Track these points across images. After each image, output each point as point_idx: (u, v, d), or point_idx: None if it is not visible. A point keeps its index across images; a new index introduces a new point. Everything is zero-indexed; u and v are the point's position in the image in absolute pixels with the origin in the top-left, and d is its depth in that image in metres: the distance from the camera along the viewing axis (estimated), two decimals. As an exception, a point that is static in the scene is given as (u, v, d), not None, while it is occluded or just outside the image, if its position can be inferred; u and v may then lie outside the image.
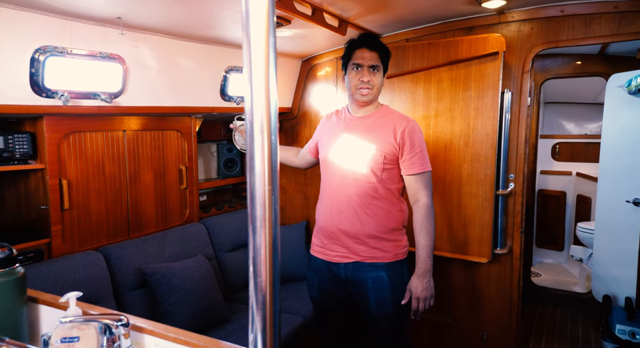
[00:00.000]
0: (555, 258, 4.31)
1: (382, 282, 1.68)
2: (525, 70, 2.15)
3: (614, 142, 3.01)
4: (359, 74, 1.67)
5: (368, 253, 1.68)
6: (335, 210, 1.70)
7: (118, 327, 0.91)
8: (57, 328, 1.00)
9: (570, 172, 4.24)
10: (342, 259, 1.72)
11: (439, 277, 2.43)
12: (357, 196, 1.67)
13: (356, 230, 1.68)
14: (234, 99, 2.53)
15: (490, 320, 2.33)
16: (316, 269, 1.81)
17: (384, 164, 1.67)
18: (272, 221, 0.68)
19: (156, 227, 2.35)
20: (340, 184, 1.71)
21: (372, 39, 1.71)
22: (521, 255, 2.27)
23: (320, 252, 1.78)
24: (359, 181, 1.68)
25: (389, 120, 1.71)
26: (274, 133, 0.71)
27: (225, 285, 2.48)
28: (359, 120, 1.75)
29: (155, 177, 2.35)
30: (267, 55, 0.63)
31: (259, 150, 0.68)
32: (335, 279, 1.76)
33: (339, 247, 1.72)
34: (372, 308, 1.70)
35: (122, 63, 1.94)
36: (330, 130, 1.82)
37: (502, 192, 2.18)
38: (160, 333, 0.95)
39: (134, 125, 2.24)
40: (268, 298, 0.70)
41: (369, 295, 1.69)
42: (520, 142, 2.20)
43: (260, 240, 0.67)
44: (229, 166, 2.97)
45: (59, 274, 1.77)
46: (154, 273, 2.01)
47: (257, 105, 0.69)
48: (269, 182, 0.68)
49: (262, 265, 0.68)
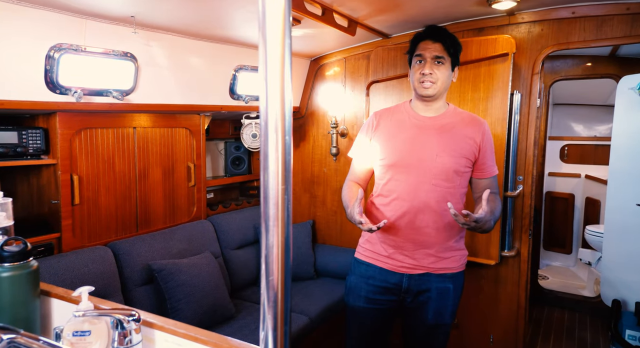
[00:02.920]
0: (563, 262, 4.27)
1: (447, 293, 1.59)
2: (535, 72, 2.14)
3: (624, 145, 2.97)
4: (421, 67, 1.53)
5: (439, 264, 1.57)
6: (407, 218, 1.53)
7: (129, 322, 0.93)
8: (69, 322, 1.02)
9: (579, 175, 4.21)
10: (409, 270, 1.58)
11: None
12: (435, 203, 1.52)
13: (432, 241, 1.54)
14: (243, 98, 2.54)
15: (497, 322, 2.33)
16: (367, 277, 1.62)
17: (464, 168, 1.56)
18: (285, 220, 0.69)
19: (164, 224, 2.37)
20: (415, 190, 1.53)
21: (438, 29, 1.56)
22: (529, 257, 2.26)
23: (380, 260, 1.61)
24: (438, 187, 1.52)
25: (463, 120, 1.60)
26: (288, 133, 0.72)
27: (231, 283, 2.49)
28: (430, 120, 1.58)
29: (163, 174, 2.37)
30: (283, 56, 0.64)
31: (272, 150, 0.69)
32: (392, 289, 1.61)
33: (406, 258, 1.57)
34: (430, 318, 1.59)
35: (134, 61, 1.97)
36: (395, 131, 1.61)
37: (511, 193, 2.17)
38: (171, 329, 0.96)
39: (144, 122, 2.26)
40: (280, 297, 0.70)
41: (429, 304, 1.58)
42: (529, 144, 2.19)
43: (273, 239, 0.68)
44: (237, 164, 2.99)
45: (68, 268, 1.80)
46: (162, 269, 2.03)
47: (272, 104, 0.70)
48: (282, 181, 0.69)
49: (275, 264, 0.69)
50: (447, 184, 1.53)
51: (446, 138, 1.55)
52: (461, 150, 1.54)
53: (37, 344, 0.82)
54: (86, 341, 0.98)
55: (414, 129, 1.58)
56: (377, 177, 1.64)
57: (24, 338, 0.81)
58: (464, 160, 1.55)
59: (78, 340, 0.97)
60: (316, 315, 2.32)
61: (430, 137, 1.55)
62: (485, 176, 1.61)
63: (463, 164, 1.55)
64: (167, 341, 0.97)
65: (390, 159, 1.58)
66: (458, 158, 1.54)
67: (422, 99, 1.58)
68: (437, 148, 1.53)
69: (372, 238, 1.64)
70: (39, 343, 0.83)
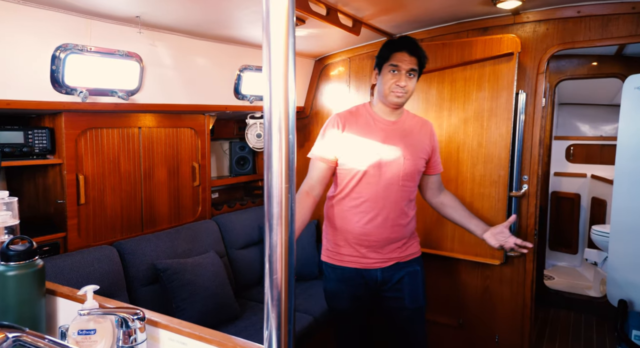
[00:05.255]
0: (569, 262, 4.24)
1: (416, 275, 1.74)
2: (540, 71, 2.13)
3: (630, 144, 2.95)
4: (396, 77, 1.61)
5: (405, 252, 1.73)
6: (380, 219, 1.64)
7: (134, 320, 0.93)
8: (74, 321, 1.02)
9: (585, 174, 4.18)
10: (382, 265, 1.70)
11: (451, 279, 2.42)
12: (403, 201, 1.67)
13: (400, 236, 1.69)
14: (248, 98, 2.55)
15: (503, 322, 2.31)
16: (345, 279, 1.71)
17: (422, 167, 1.73)
18: (289, 219, 0.69)
19: (169, 224, 2.38)
20: (384, 191, 1.64)
21: (415, 44, 1.64)
22: (534, 257, 2.25)
23: (354, 262, 1.69)
24: (405, 187, 1.67)
25: (417, 123, 1.76)
26: (291, 132, 0.72)
27: (236, 282, 2.50)
28: (394, 124, 1.69)
29: (169, 174, 2.38)
30: (287, 56, 0.64)
31: (276, 149, 0.69)
32: (368, 285, 1.72)
33: (378, 254, 1.68)
34: (407, 302, 1.73)
35: (140, 61, 1.98)
36: (364, 135, 1.67)
37: (516, 193, 2.16)
38: (175, 328, 0.97)
39: (149, 122, 2.27)
40: (283, 296, 0.71)
41: (404, 289, 1.72)
42: (535, 144, 2.17)
43: (277, 238, 0.68)
44: (241, 164, 3.00)
45: (74, 268, 1.81)
46: (167, 268, 2.04)
47: (276, 104, 0.70)
48: (286, 181, 0.69)
49: (278, 263, 0.69)
50: (412, 184, 1.69)
51: (409, 141, 1.68)
52: (421, 152, 1.70)
53: (42, 342, 0.83)
54: (91, 340, 0.99)
55: (382, 133, 1.67)
56: (343, 178, 1.68)
57: (29, 336, 0.81)
58: (423, 160, 1.72)
59: (83, 339, 0.98)
60: (320, 314, 2.32)
61: (396, 140, 1.67)
62: (435, 172, 1.81)
63: (422, 164, 1.72)
64: (171, 340, 0.97)
65: (362, 163, 1.64)
66: (419, 159, 1.70)
67: (391, 106, 1.67)
68: (403, 151, 1.66)
69: (342, 242, 1.70)
70: (44, 341, 0.83)
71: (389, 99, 1.64)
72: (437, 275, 2.42)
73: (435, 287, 2.42)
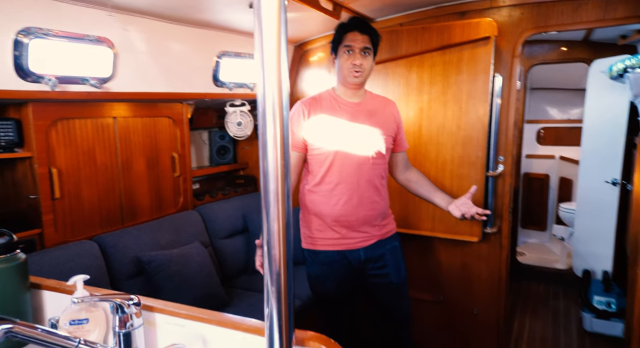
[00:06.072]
0: (539, 238, 4.46)
1: (396, 251, 1.82)
2: (515, 55, 2.19)
3: (595, 126, 3.11)
4: (351, 57, 1.65)
5: (383, 229, 1.79)
6: (356, 198, 1.68)
7: (130, 306, 0.92)
8: (65, 311, 1.00)
9: (554, 156, 4.38)
10: (362, 244, 1.74)
11: (432, 257, 2.50)
12: (376, 179, 1.73)
13: (376, 213, 1.74)
14: (227, 85, 2.50)
15: (480, 296, 2.41)
16: (329, 263, 1.74)
17: (390, 145, 1.79)
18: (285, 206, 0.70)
19: (150, 216, 2.33)
20: (357, 171, 1.68)
21: (364, 22, 1.69)
22: (509, 234, 2.35)
23: (336, 244, 1.73)
24: (376, 165, 1.72)
25: (380, 103, 1.80)
26: (285, 119, 0.73)
27: (222, 271, 2.48)
28: (357, 106, 1.73)
29: (147, 165, 2.32)
30: (279, 41, 0.64)
31: (271, 137, 0.70)
32: (352, 265, 1.75)
33: (358, 234, 1.72)
34: (392, 276, 1.80)
35: (111, 46, 1.90)
36: (330, 119, 1.70)
37: (492, 173, 2.24)
38: (172, 311, 0.96)
39: (124, 111, 2.19)
40: (282, 277, 0.72)
41: (388, 265, 1.78)
42: (510, 126, 2.25)
43: (274, 225, 0.69)
44: (222, 154, 2.95)
45: (53, 264, 1.74)
46: (151, 261, 2.00)
47: (269, 89, 0.70)
48: (281, 168, 0.70)
49: (276, 248, 0.70)
50: (382, 161, 1.75)
51: (375, 120, 1.73)
52: (388, 130, 1.76)
53: (35, 332, 0.80)
54: (84, 329, 0.97)
55: (347, 115, 1.71)
56: (315, 164, 1.71)
57: (21, 327, 0.79)
58: (391, 138, 1.78)
59: (76, 329, 0.96)
60: (308, 297, 2.34)
61: (363, 120, 1.71)
62: (401, 150, 1.88)
63: (390, 142, 1.78)
64: (168, 323, 0.96)
65: (332, 145, 1.68)
66: (388, 137, 1.75)
67: (350, 87, 1.71)
68: (371, 130, 1.71)
69: (321, 227, 1.72)
70: (37, 331, 0.81)
71: (348, 79, 1.68)
72: (419, 254, 2.49)
73: (417, 266, 2.49)
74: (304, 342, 0.83)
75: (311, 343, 0.82)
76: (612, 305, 2.72)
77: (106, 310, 1.04)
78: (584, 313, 2.80)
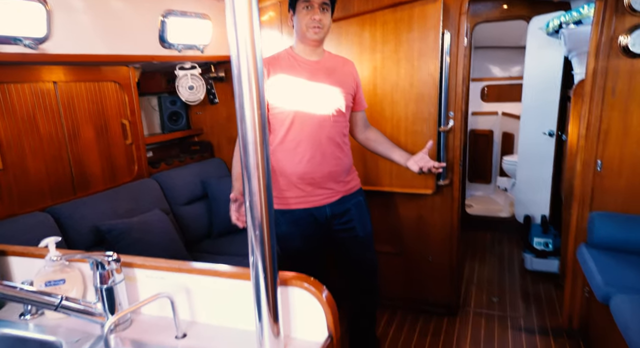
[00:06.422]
0: (485, 191, 4.80)
1: (361, 205, 1.88)
2: (462, 12, 2.27)
3: (533, 82, 3.33)
4: (310, 13, 1.63)
5: (348, 186, 1.84)
6: (319, 155, 1.70)
7: (110, 262, 0.92)
8: (38, 274, 0.98)
9: (497, 112, 4.65)
10: (327, 200, 1.78)
11: (391, 212, 2.64)
12: (337, 136, 1.76)
13: (339, 170, 1.77)
14: (175, 47, 2.38)
15: (435, 245, 2.60)
16: (296, 221, 1.77)
17: (350, 103, 1.81)
18: (265, 167, 0.73)
19: (104, 185, 2.25)
20: (318, 128, 1.70)
21: None
22: (460, 186, 2.52)
23: (302, 202, 1.76)
24: (337, 122, 1.74)
25: (339, 62, 1.82)
26: (261, 80, 0.74)
27: (185, 238, 2.48)
28: (317, 64, 1.74)
29: (96, 133, 2.21)
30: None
31: (247, 99, 0.71)
32: (319, 222, 1.79)
33: (323, 190, 1.76)
34: (359, 230, 1.86)
35: (44, 3, 1.74)
36: (290, 78, 1.70)
37: (444, 128, 2.36)
38: (152, 265, 0.98)
39: (65, 76, 2.05)
40: (265, 228, 0.76)
41: (354, 220, 1.84)
42: (459, 82, 2.35)
43: (255, 185, 0.74)
44: (174, 120, 2.86)
45: (5, 237, 1.66)
46: (112, 229, 1.96)
47: (243, 52, 0.71)
48: (259, 130, 0.72)
49: (257, 204, 0.73)
50: (343, 119, 1.78)
51: (335, 78, 1.74)
52: (347, 88, 1.78)
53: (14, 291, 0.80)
54: (61, 290, 0.96)
55: (307, 73, 1.70)
56: (276, 124, 1.72)
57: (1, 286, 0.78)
58: (350, 96, 1.80)
59: (52, 290, 0.95)
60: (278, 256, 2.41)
61: (322, 78, 1.72)
62: (360, 109, 1.91)
63: (350, 100, 1.80)
64: (149, 277, 0.98)
65: (292, 104, 1.68)
66: (347, 94, 1.77)
67: (310, 44, 1.70)
68: (331, 88, 1.72)
69: (286, 186, 1.75)
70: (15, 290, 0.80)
71: (307, 35, 1.66)
72: (379, 209, 2.61)
73: (378, 221, 2.61)
74: (287, 281, 0.88)
75: (293, 281, 0.88)
76: (550, 245, 3.03)
77: (82, 270, 1.03)
78: (525, 254, 3.11)
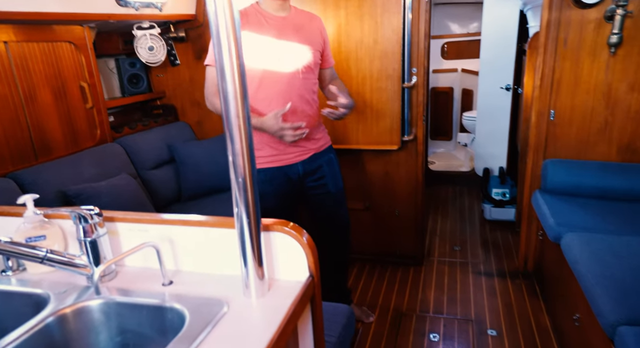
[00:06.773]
0: (446, 148, 5.01)
1: (332, 162, 1.93)
2: (423, -34, 2.28)
3: (490, 37, 3.44)
4: None
5: (318, 143, 1.87)
6: (289, 113, 1.68)
7: (92, 216, 0.94)
8: (18, 231, 0.99)
9: (456, 69, 4.77)
10: (300, 158, 1.81)
11: (358, 169, 2.73)
12: (307, 93, 1.76)
13: (310, 126, 1.77)
14: (132, 4, 2.26)
15: (401, 199, 2.74)
16: (268, 180, 1.80)
17: (319, 60, 1.81)
18: (246, 126, 0.77)
19: (66, 150, 2.18)
20: (288, 87, 1.71)
21: None
22: (424, 140, 2.63)
23: (275, 161, 1.78)
24: (306, 79, 1.75)
25: (306, 17, 1.80)
26: (239, 39, 0.76)
27: (154, 202, 2.47)
28: (284, 20, 1.72)
29: (55, 97, 2.11)
30: None
31: (227, 57, 0.74)
32: (292, 180, 1.83)
33: (295, 148, 1.78)
34: (331, 187, 1.92)
35: (-18, -47, 1.60)
36: (258, 35, 1.67)
37: (408, 84, 2.43)
38: (134, 218, 1.00)
39: (15, 35, 1.92)
40: (248, 183, 0.80)
41: (326, 176, 1.90)
42: (421, 38, 2.40)
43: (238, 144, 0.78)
44: (134, 83, 2.75)
45: (-32, 206, 1.61)
46: (79, 194, 1.93)
47: (220, 7, 0.72)
48: (240, 90, 0.75)
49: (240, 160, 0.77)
50: (312, 76, 1.79)
51: (303, 34, 1.73)
52: (315, 44, 1.77)
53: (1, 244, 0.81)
54: (43, 245, 0.97)
55: (274, 30, 1.69)
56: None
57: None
58: (318, 53, 1.80)
59: (35, 245, 0.96)
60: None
61: (290, 35, 1.70)
62: (328, 66, 1.92)
63: (318, 56, 1.80)
64: (131, 230, 1.01)
65: (261, 61, 1.67)
66: (315, 51, 1.77)
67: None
68: (299, 44, 1.72)
69: (259, 145, 1.76)
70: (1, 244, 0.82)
71: None
72: (347, 167, 2.70)
73: (346, 178, 2.68)
74: (269, 227, 0.94)
75: (275, 227, 0.94)
76: (507, 194, 3.26)
77: (62, 227, 1.04)
78: (484, 205, 3.34)
